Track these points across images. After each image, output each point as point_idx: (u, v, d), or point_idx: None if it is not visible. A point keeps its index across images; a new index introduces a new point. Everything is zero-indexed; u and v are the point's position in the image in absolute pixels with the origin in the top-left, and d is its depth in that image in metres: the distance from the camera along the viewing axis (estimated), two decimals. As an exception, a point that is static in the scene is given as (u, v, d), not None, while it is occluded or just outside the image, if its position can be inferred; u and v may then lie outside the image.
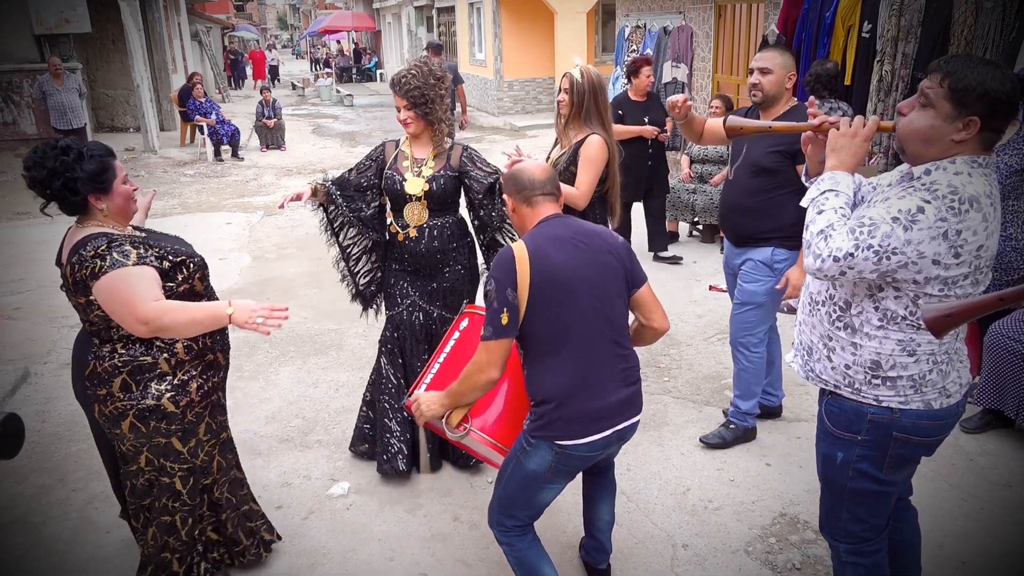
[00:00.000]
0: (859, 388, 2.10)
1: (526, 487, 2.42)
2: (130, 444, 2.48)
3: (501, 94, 18.08)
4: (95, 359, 2.43)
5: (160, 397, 2.45)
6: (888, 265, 1.88)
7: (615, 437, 2.37)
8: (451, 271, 3.44)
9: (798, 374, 2.30)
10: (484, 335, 2.27)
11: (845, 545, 2.30)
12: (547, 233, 2.35)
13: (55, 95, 10.79)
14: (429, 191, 3.31)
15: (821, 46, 6.32)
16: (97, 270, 2.29)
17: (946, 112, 1.89)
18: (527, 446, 2.37)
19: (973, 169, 1.91)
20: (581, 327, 2.28)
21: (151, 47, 15.78)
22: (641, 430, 3.95)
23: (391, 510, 3.38)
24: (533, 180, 2.43)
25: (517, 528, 2.51)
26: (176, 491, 2.59)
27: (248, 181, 11.34)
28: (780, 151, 3.33)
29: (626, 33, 10.01)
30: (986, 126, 1.88)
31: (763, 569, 2.98)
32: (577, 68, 3.50)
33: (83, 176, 2.35)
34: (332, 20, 31.89)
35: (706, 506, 3.36)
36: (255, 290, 6.39)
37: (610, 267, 2.36)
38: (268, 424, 4.16)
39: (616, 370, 2.35)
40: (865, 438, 2.12)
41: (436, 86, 3.26)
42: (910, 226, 1.85)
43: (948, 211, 1.84)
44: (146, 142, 13.61)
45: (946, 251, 1.85)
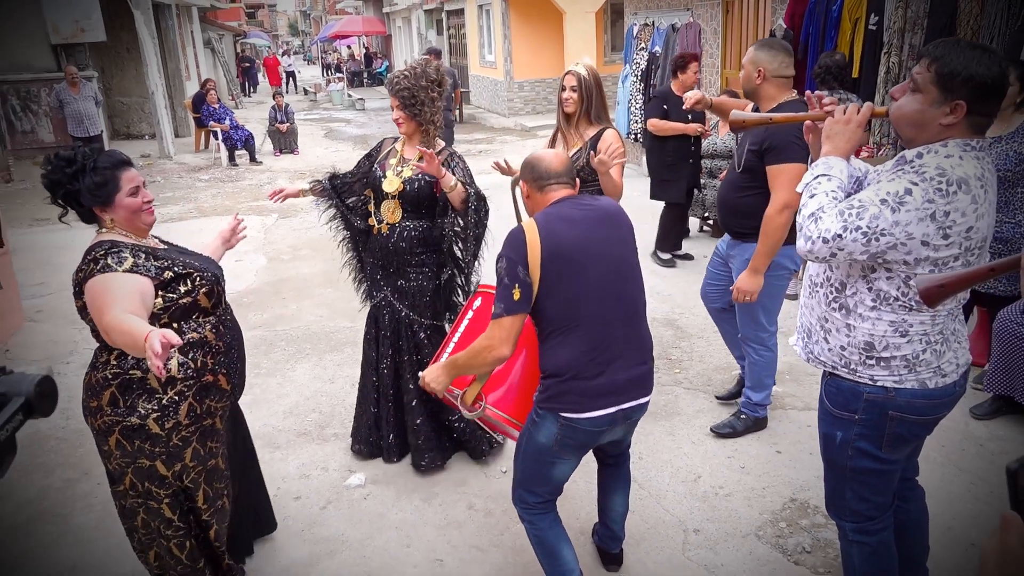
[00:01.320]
0: (855, 368, 2.14)
1: (538, 461, 2.46)
2: (116, 462, 2.41)
3: (511, 95, 18.16)
4: (92, 368, 2.40)
5: (146, 417, 2.35)
6: (877, 247, 1.92)
7: (621, 416, 2.38)
8: (417, 272, 3.46)
9: (799, 356, 2.35)
10: (495, 312, 2.28)
11: (851, 524, 2.34)
12: (558, 212, 2.36)
13: (72, 103, 10.96)
14: (403, 191, 3.37)
15: (828, 39, 6.34)
16: (89, 274, 2.27)
17: (933, 97, 1.91)
18: (536, 418, 2.41)
19: (965, 152, 1.93)
20: (592, 304, 2.29)
21: (165, 55, 15.99)
22: (653, 420, 4.00)
23: (407, 499, 3.45)
24: (549, 171, 2.44)
25: (539, 505, 2.55)
26: (167, 518, 2.51)
27: (262, 185, 11.46)
28: (754, 150, 3.34)
29: (635, 31, 10.04)
30: (973, 110, 1.90)
31: (773, 552, 3.02)
32: (581, 65, 3.55)
33: (83, 189, 2.33)
34: (343, 25, 32.09)
35: (717, 492, 3.41)
36: (270, 290, 6.49)
37: (623, 240, 2.39)
38: (286, 419, 4.24)
39: (627, 348, 2.35)
40: (862, 417, 2.17)
41: (428, 88, 3.31)
42: (898, 208, 1.88)
43: (935, 192, 1.87)
44: (161, 148, 13.79)
45: (934, 232, 1.88)
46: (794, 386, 4.31)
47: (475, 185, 3.35)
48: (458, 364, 2.46)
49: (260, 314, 5.92)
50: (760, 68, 3.33)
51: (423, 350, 3.51)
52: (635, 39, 9.97)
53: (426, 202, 3.39)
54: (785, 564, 2.95)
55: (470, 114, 19.52)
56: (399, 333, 3.54)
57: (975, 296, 4.13)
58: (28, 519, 3.39)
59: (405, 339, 3.53)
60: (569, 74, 3.56)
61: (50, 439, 4.11)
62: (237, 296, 6.32)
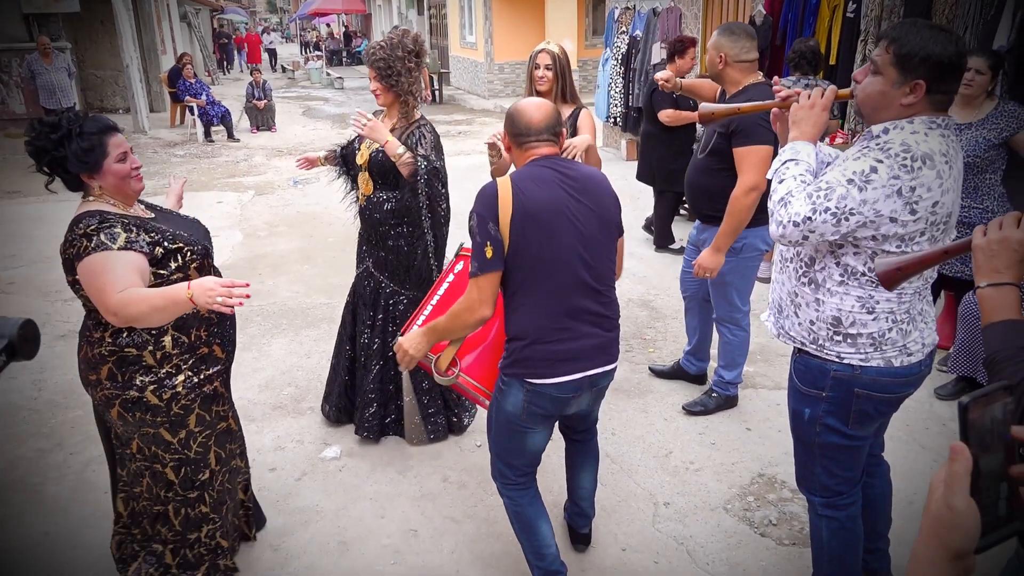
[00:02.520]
0: (823, 344, 2.19)
1: (508, 431, 2.45)
2: (121, 429, 2.46)
3: (492, 77, 18.10)
4: (87, 343, 2.39)
5: (144, 389, 2.36)
6: (847, 226, 1.97)
7: (587, 382, 2.36)
8: (394, 244, 3.47)
9: (770, 332, 2.40)
10: (472, 272, 2.27)
11: (820, 499, 2.40)
12: (533, 173, 2.31)
13: (44, 75, 10.76)
14: (369, 162, 3.38)
15: (807, 26, 6.40)
16: (82, 250, 2.21)
17: (893, 77, 1.95)
18: (503, 386, 2.40)
19: (931, 129, 1.98)
20: (559, 268, 2.26)
21: (140, 28, 15.72)
22: (626, 398, 4.06)
23: (382, 471, 3.48)
24: (529, 126, 2.35)
25: (519, 480, 2.55)
26: (169, 481, 2.51)
27: (239, 161, 11.36)
28: (722, 133, 3.40)
29: (616, 15, 10.05)
30: (932, 88, 1.94)
31: (740, 525, 3.09)
32: (553, 44, 3.53)
33: (69, 155, 2.27)
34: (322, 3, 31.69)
35: (687, 467, 3.47)
36: (247, 266, 6.46)
37: (599, 213, 2.33)
38: (262, 392, 4.25)
39: (591, 315, 2.33)
40: (829, 394, 2.22)
41: (405, 59, 3.30)
42: (864, 186, 1.93)
43: (900, 169, 1.91)
44: (136, 123, 13.58)
45: (902, 208, 1.93)
46: (764, 366, 4.39)
47: (433, 158, 3.30)
48: (438, 329, 2.43)
49: (236, 289, 5.89)
50: (722, 53, 3.38)
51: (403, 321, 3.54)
52: (616, 23, 9.98)
53: (391, 172, 3.35)
54: (752, 536, 3.03)
55: (450, 95, 19.43)
56: (378, 304, 3.55)
57: (943, 280, 4.23)
58: (0, 488, 3.38)
59: (384, 311, 3.54)
60: (543, 52, 3.51)
61: (22, 410, 4.09)
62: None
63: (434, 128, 3.43)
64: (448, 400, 3.74)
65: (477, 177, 4.15)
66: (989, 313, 1.49)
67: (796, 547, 2.96)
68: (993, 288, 1.48)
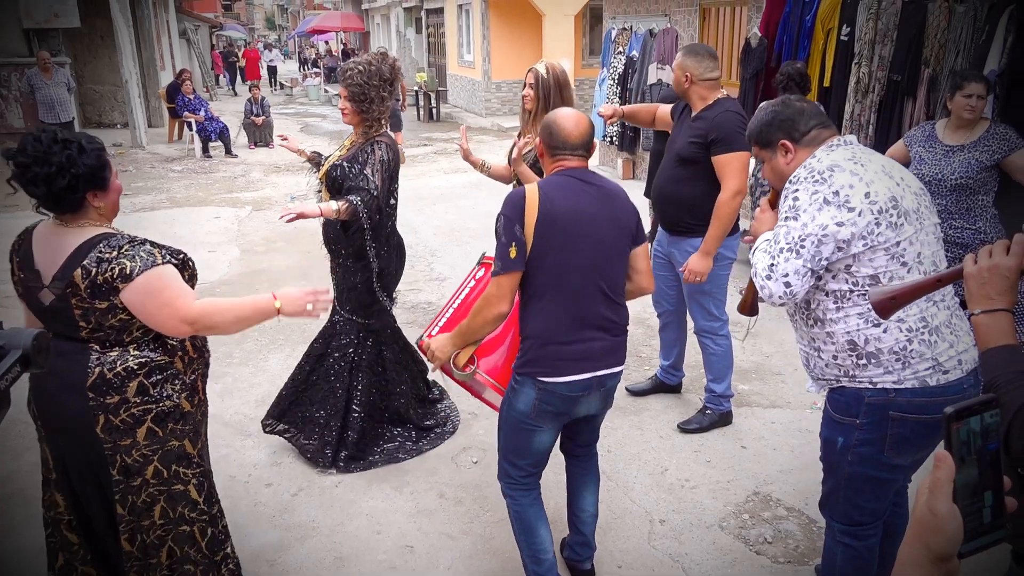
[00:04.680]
0: (853, 374, 2.20)
1: (518, 429, 2.53)
2: (139, 454, 2.32)
3: (489, 95, 18.21)
4: (101, 367, 2.23)
5: (178, 397, 2.34)
6: (810, 251, 2.09)
7: (596, 382, 2.45)
8: (343, 262, 3.53)
9: (812, 390, 2.43)
10: (494, 270, 2.37)
11: (840, 525, 2.39)
12: (560, 183, 2.41)
13: (43, 89, 10.80)
14: (326, 177, 3.44)
15: (802, 48, 6.48)
16: (129, 271, 2.15)
17: (769, 156, 2.32)
18: (515, 384, 2.49)
19: (831, 150, 2.21)
20: (575, 275, 2.37)
21: (140, 43, 15.80)
22: (622, 415, 4.07)
23: (378, 487, 3.48)
24: (566, 142, 2.43)
25: (523, 480, 2.61)
26: (192, 500, 2.44)
27: (236, 177, 11.39)
28: (697, 142, 3.52)
29: (613, 35, 10.15)
30: (796, 138, 2.25)
31: (736, 543, 3.10)
32: (543, 64, 3.56)
33: (84, 172, 2.15)
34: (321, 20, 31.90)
35: (683, 485, 3.49)
36: (244, 282, 6.47)
37: (618, 224, 2.44)
38: (258, 407, 4.25)
39: (603, 320, 2.44)
40: (863, 421, 2.20)
41: (380, 87, 3.35)
42: (797, 215, 2.12)
43: (814, 184, 2.12)
44: (134, 138, 13.63)
45: (837, 210, 2.07)
46: (759, 384, 4.41)
47: (372, 184, 3.29)
48: (462, 331, 2.55)
49: (233, 304, 5.90)
50: (687, 73, 3.55)
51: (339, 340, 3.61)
52: (613, 43, 10.08)
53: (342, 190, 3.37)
54: (747, 554, 3.04)
55: (447, 113, 19.54)
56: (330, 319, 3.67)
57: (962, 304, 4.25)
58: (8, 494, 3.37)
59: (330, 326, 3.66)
60: (530, 71, 3.56)
61: (18, 423, 4.06)
62: (210, 287, 6.30)
63: (392, 145, 3.43)
64: None
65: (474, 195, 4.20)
66: (985, 339, 1.51)
67: (791, 565, 2.97)
68: (987, 315, 1.50)
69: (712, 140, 3.46)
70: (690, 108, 3.66)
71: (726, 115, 3.47)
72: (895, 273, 2.09)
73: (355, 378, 3.60)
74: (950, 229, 3.81)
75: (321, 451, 3.59)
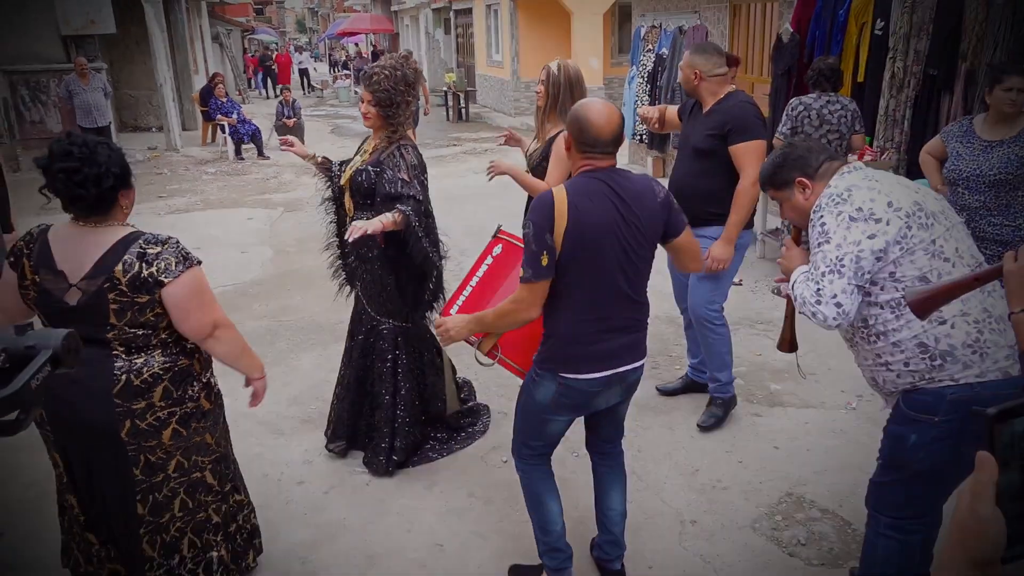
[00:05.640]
0: (931, 376, 2.16)
1: (535, 416, 2.59)
2: (163, 452, 2.40)
3: (517, 94, 18.20)
4: (129, 373, 2.29)
5: (199, 398, 2.44)
6: (850, 268, 2.11)
7: (616, 378, 2.48)
8: (371, 267, 3.49)
9: (886, 406, 2.39)
10: (524, 277, 2.35)
11: (888, 519, 2.37)
12: (588, 188, 2.36)
13: (81, 94, 11.01)
14: (351, 183, 3.40)
15: (834, 43, 6.39)
16: (174, 267, 2.23)
17: (787, 196, 2.40)
18: (536, 377, 2.52)
19: (842, 177, 2.27)
20: (602, 279, 2.36)
21: (174, 48, 16.06)
22: (652, 415, 4.05)
23: (409, 486, 3.50)
24: (597, 139, 2.36)
25: (534, 457, 2.69)
26: (208, 484, 2.57)
27: (268, 179, 11.53)
28: (712, 134, 3.58)
29: (642, 33, 10.10)
30: (808, 173, 2.33)
31: (769, 544, 3.07)
32: (556, 62, 3.57)
33: (120, 171, 2.24)
34: (350, 23, 32.13)
35: (714, 485, 3.46)
36: (276, 282, 6.55)
37: (645, 226, 2.40)
38: (290, 406, 4.30)
39: (626, 319, 2.45)
40: (943, 419, 2.16)
41: (405, 92, 3.33)
42: (828, 238, 2.16)
43: (836, 206, 2.17)
44: (168, 141, 13.86)
45: (864, 224, 2.10)
46: (792, 384, 4.36)
47: (411, 189, 3.26)
48: (485, 321, 2.54)
49: (265, 305, 5.98)
50: (696, 70, 3.63)
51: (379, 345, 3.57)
52: (642, 41, 10.03)
53: (370, 195, 3.36)
54: (780, 556, 3.00)
55: (476, 113, 19.58)
56: (358, 330, 3.64)
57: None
58: (37, 496, 3.44)
59: (365, 333, 3.61)
60: (543, 69, 3.58)
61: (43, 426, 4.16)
62: (243, 287, 6.39)
63: (415, 148, 3.41)
64: None
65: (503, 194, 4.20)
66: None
67: (825, 568, 2.93)
68: None
69: (729, 130, 3.53)
70: (700, 105, 3.73)
71: (741, 106, 3.57)
72: (941, 270, 2.09)
73: (399, 383, 3.59)
74: (988, 226, 3.73)
75: (375, 457, 3.60)
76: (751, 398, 4.24)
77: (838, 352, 4.46)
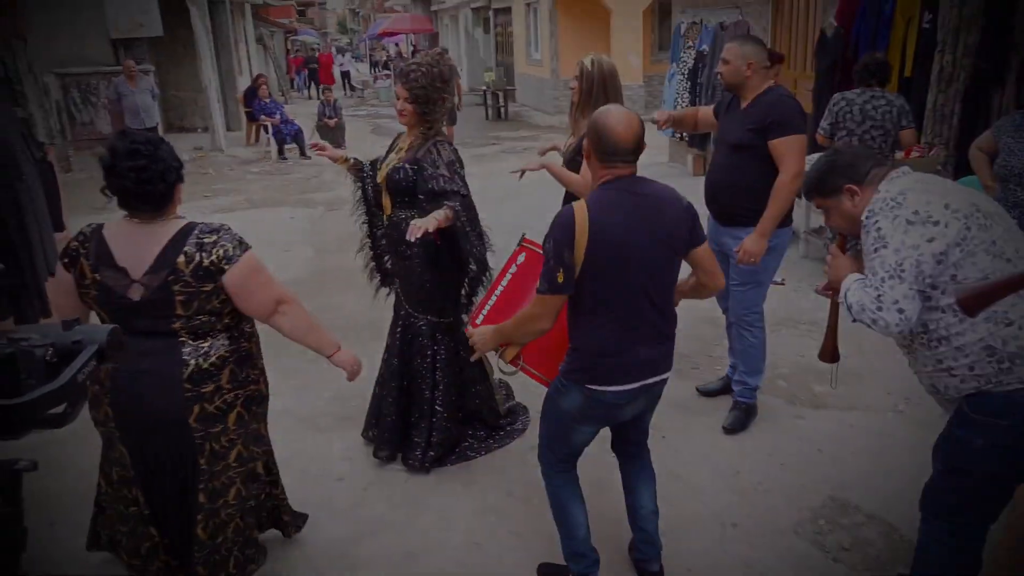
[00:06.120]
0: (1000, 379, 2.10)
1: (559, 425, 2.59)
2: (227, 439, 2.46)
3: (557, 93, 18.16)
4: (197, 357, 2.35)
5: (259, 381, 2.54)
6: (911, 273, 2.05)
7: (642, 390, 2.46)
8: (409, 264, 3.46)
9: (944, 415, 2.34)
10: (540, 288, 2.36)
11: (945, 524, 2.31)
12: (611, 200, 2.34)
13: (130, 96, 11.25)
14: (387, 181, 3.40)
15: (880, 38, 6.25)
16: (232, 252, 2.30)
17: (835, 203, 2.35)
18: (561, 387, 2.51)
19: (893, 182, 2.23)
20: (626, 292, 2.35)
21: (219, 50, 16.34)
22: (692, 416, 4.01)
23: (447, 484, 3.51)
24: (616, 148, 2.32)
25: (558, 464, 2.69)
26: (257, 474, 2.65)
27: (310, 178, 11.68)
28: (753, 128, 3.52)
29: (682, 30, 10.01)
30: (857, 179, 2.28)
31: (812, 549, 3.01)
32: (589, 57, 3.55)
33: (179, 165, 2.33)
34: (391, 23, 32.37)
35: (756, 488, 3.41)
36: (317, 281, 6.63)
37: (669, 235, 2.38)
38: (331, 404, 4.34)
39: (651, 332, 2.42)
40: (1010, 422, 2.11)
41: (442, 89, 3.34)
42: (886, 243, 2.11)
43: (891, 211, 2.13)
44: (213, 141, 14.12)
45: (922, 227, 2.05)
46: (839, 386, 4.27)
47: (455, 185, 3.26)
48: (505, 332, 2.60)
49: (307, 303, 5.93)
50: (750, 61, 3.54)
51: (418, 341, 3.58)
52: (683, 37, 9.94)
53: (409, 193, 3.36)
54: (824, 561, 2.95)
55: (515, 112, 19.59)
56: (400, 321, 3.64)
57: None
58: (88, 488, 3.52)
59: (403, 329, 3.62)
60: (577, 65, 3.57)
61: (106, 416, 4.26)
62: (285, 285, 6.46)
63: (450, 144, 3.41)
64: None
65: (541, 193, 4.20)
66: None
67: (870, 573, 2.87)
68: None
69: (770, 124, 3.46)
70: (737, 100, 3.66)
71: (781, 100, 3.53)
72: (1002, 270, 2.04)
73: (437, 378, 3.60)
74: (1042, 223, 3.63)
75: (412, 453, 3.61)
76: (794, 400, 4.17)
77: (883, 354, 4.37)
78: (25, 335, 1.03)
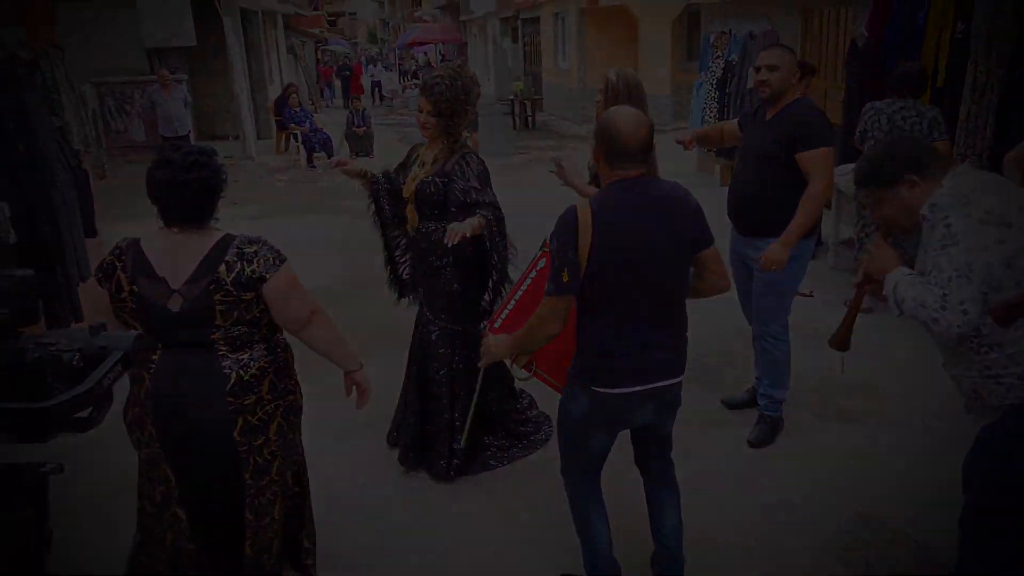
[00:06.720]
0: None
1: (572, 432, 2.59)
2: (268, 451, 2.43)
3: (584, 102, 18.15)
4: (238, 369, 2.33)
5: (296, 391, 2.53)
6: (980, 274, 2.00)
7: (650, 394, 2.43)
8: (436, 275, 3.48)
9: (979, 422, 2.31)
10: (547, 290, 2.37)
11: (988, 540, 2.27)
12: (616, 199, 2.33)
13: (163, 104, 11.47)
14: (416, 194, 3.41)
15: (913, 48, 6.18)
16: (273, 262, 2.33)
17: (887, 194, 2.28)
18: (569, 391, 2.53)
19: (957, 177, 2.18)
20: (632, 291, 2.32)
21: (250, 60, 16.60)
22: (718, 428, 3.97)
23: (468, 493, 3.52)
24: (624, 150, 2.31)
25: (579, 475, 2.69)
26: (286, 484, 2.61)
27: (339, 187, 11.74)
28: (779, 140, 3.48)
29: (712, 39, 9.97)
30: (922, 172, 2.20)
31: (838, 566, 2.97)
32: (614, 70, 3.56)
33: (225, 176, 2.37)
34: (420, 33, 32.68)
35: (781, 503, 3.36)
36: (345, 288, 6.67)
37: (677, 234, 2.35)
38: (355, 411, 4.34)
39: (660, 332, 2.40)
40: None
41: (465, 101, 3.35)
42: (956, 240, 2.04)
43: (960, 207, 2.07)
44: (244, 149, 14.31)
45: (995, 228, 2.01)
46: (864, 400, 4.22)
47: (486, 196, 3.30)
48: (518, 339, 2.60)
49: (334, 311, 6.00)
50: (795, 70, 3.59)
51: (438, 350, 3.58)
52: (712, 47, 9.90)
53: (438, 205, 3.38)
54: (850, 578, 2.90)
55: (543, 121, 19.63)
56: (423, 332, 3.67)
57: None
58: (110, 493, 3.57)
59: (423, 337, 3.65)
60: (602, 76, 3.58)
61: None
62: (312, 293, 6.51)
63: (477, 155, 3.42)
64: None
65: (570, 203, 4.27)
66: None
67: (898, 592, 2.82)
68: None
69: (798, 136, 3.44)
70: (763, 111, 3.64)
71: (808, 111, 3.52)
72: None
73: (456, 386, 3.60)
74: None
75: (436, 462, 3.62)
76: (822, 414, 4.12)
77: (913, 368, 4.31)
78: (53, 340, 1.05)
